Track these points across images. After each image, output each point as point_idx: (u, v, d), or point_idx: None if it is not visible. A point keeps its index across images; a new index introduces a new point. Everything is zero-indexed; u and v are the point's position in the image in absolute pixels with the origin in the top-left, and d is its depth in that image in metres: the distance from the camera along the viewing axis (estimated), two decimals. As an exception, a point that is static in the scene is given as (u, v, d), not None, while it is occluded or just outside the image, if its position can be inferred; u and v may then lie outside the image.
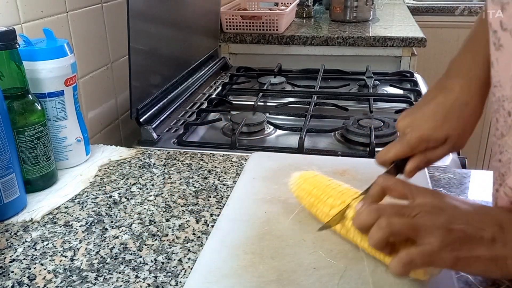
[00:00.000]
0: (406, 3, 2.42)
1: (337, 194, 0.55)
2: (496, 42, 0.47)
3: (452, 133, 0.55)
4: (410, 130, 0.56)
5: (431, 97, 0.57)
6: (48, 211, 0.67)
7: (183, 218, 0.64)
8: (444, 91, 0.56)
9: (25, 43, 0.71)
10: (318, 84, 1.29)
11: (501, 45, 0.46)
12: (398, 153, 0.56)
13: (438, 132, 0.55)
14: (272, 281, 0.49)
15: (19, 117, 0.66)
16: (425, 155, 0.56)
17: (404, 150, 0.56)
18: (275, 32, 1.64)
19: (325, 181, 0.59)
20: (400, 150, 0.56)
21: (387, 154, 0.57)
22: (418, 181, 0.68)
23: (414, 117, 0.57)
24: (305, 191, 0.59)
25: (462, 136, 0.56)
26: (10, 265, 0.56)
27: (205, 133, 1.07)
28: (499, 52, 0.47)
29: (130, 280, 0.53)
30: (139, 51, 0.96)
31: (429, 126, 0.55)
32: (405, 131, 0.56)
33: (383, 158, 0.58)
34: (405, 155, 0.56)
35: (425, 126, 0.55)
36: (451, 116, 0.55)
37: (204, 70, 1.37)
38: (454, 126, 0.55)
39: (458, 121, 0.55)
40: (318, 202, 0.57)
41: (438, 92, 0.57)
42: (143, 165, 0.80)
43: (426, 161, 0.56)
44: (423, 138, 0.55)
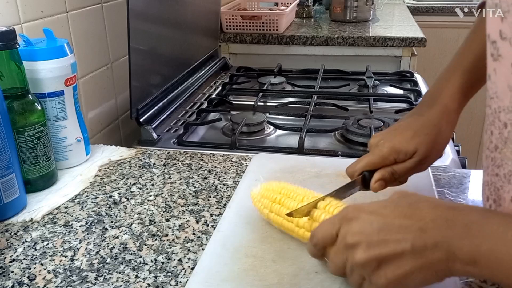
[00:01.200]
0: (406, 3, 2.42)
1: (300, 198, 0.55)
2: (495, 53, 0.47)
3: (421, 147, 0.58)
4: (383, 142, 0.59)
5: (403, 120, 0.63)
6: (48, 211, 0.67)
7: (183, 218, 0.64)
8: (415, 115, 0.61)
9: (25, 43, 0.71)
10: (318, 84, 1.29)
11: (499, 55, 0.46)
12: (368, 162, 0.58)
13: (408, 145, 0.57)
14: (273, 284, 0.49)
15: (19, 117, 0.66)
16: (391, 167, 0.58)
17: (376, 160, 0.58)
18: (275, 32, 1.64)
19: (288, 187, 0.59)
20: (371, 160, 0.58)
21: (357, 164, 0.59)
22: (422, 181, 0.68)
23: (385, 133, 0.61)
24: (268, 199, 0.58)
25: (429, 153, 0.58)
26: (10, 265, 0.56)
27: (205, 133, 1.07)
28: (497, 63, 0.47)
29: (130, 280, 0.53)
30: (139, 51, 0.96)
31: (400, 139, 0.58)
32: (378, 144, 0.59)
33: (353, 168, 0.59)
34: (376, 166, 0.58)
35: (396, 139, 0.58)
36: (419, 133, 0.58)
37: (204, 70, 1.37)
38: (423, 141, 0.58)
39: (426, 138, 0.58)
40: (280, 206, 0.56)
41: (410, 116, 0.63)
42: (143, 165, 0.80)
43: (391, 172, 0.58)
44: (395, 148, 0.57)
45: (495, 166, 0.50)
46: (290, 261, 0.53)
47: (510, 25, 0.43)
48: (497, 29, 0.45)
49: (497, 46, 0.46)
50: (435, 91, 0.63)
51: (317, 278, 0.50)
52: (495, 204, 0.51)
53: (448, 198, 0.67)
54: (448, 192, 0.69)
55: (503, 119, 0.47)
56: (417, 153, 0.57)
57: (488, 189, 0.53)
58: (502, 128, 0.48)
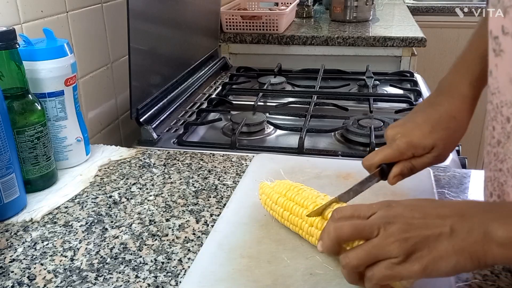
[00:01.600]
0: (406, 3, 2.42)
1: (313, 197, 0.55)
2: (497, 48, 0.47)
3: (439, 142, 0.57)
4: (400, 136, 0.58)
5: (420, 110, 0.61)
6: (48, 211, 0.67)
7: (183, 218, 0.64)
8: (433, 105, 0.60)
9: (25, 43, 0.71)
10: (318, 84, 1.29)
11: (501, 50, 0.46)
12: (386, 156, 0.58)
13: (426, 140, 0.57)
14: (268, 285, 0.49)
15: (19, 117, 0.66)
16: (410, 162, 0.57)
17: (393, 154, 0.57)
18: (275, 32, 1.64)
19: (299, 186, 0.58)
20: (388, 153, 0.57)
21: (374, 157, 0.58)
22: (422, 181, 0.68)
23: (404, 126, 0.59)
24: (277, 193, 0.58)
25: (447, 148, 0.58)
26: (10, 265, 0.56)
27: (205, 133, 1.07)
28: (499, 58, 0.47)
29: (130, 280, 0.53)
30: (139, 51, 0.96)
31: (418, 134, 0.57)
32: (395, 137, 0.58)
33: (370, 161, 0.59)
34: (393, 160, 0.57)
35: (414, 134, 0.57)
36: (438, 127, 0.57)
37: (204, 70, 1.37)
38: (441, 136, 0.57)
39: (445, 132, 0.57)
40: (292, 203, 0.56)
41: (427, 106, 0.60)
42: (143, 165, 0.80)
43: (410, 168, 0.58)
44: (412, 143, 0.57)
45: (498, 161, 0.50)
46: (285, 262, 0.53)
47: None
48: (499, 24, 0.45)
49: (499, 41, 0.46)
50: (453, 78, 0.61)
51: (312, 280, 0.50)
52: (499, 199, 0.52)
53: (448, 198, 0.67)
54: (448, 192, 0.69)
55: (505, 114, 0.47)
56: (435, 149, 0.57)
57: (491, 185, 0.53)
58: (504, 122, 0.48)
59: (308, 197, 0.55)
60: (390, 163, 0.57)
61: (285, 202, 0.57)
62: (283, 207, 0.57)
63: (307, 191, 0.57)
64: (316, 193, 0.56)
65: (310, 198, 0.55)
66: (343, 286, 0.49)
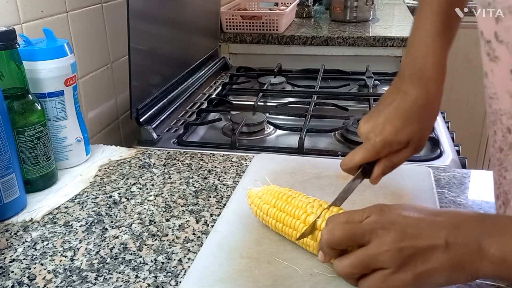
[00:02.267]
0: (406, 3, 2.42)
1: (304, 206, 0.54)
2: (491, 53, 0.46)
3: (413, 136, 0.56)
4: (373, 135, 0.56)
5: (389, 100, 0.58)
6: (48, 211, 0.67)
7: (183, 218, 0.64)
8: (401, 95, 0.57)
9: (25, 43, 0.71)
10: (318, 84, 1.29)
11: (496, 57, 0.45)
12: (364, 157, 0.56)
13: (400, 136, 0.55)
14: (267, 286, 0.49)
15: (19, 117, 0.66)
16: (389, 159, 0.57)
17: (370, 154, 0.56)
18: (275, 32, 1.64)
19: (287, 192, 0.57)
20: (366, 154, 0.56)
21: (352, 160, 0.57)
22: (422, 181, 0.68)
23: (376, 122, 0.57)
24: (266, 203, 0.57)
25: (422, 138, 0.57)
26: (10, 265, 0.56)
27: (205, 133, 1.07)
28: (494, 64, 0.46)
29: (130, 280, 0.53)
30: (139, 51, 0.96)
31: (391, 130, 0.55)
32: (368, 136, 0.57)
33: (349, 164, 0.57)
34: (371, 159, 0.56)
35: (386, 130, 0.55)
36: (411, 120, 0.55)
37: (204, 70, 1.37)
38: (415, 129, 0.56)
39: (418, 124, 0.56)
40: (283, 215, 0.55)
41: (395, 95, 0.58)
42: (143, 165, 0.80)
43: (391, 166, 0.57)
44: (387, 141, 0.55)
45: (503, 169, 0.50)
46: (285, 263, 0.53)
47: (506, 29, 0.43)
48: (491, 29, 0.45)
49: (493, 47, 0.45)
50: (416, 61, 0.57)
51: (311, 280, 0.50)
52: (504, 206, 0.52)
53: (448, 198, 0.67)
54: (448, 192, 0.69)
55: (506, 123, 0.47)
56: (411, 142, 0.56)
57: (497, 188, 0.53)
58: (505, 132, 0.48)
59: (299, 206, 0.54)
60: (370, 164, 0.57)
61: (276, 213, 0.55)
62: (275, 218, 0.56)
63: (297, 198, 0.55)
64: (305, 200, 0.55)
65: (301, 206, 0.54)
66: (343, 287, 0.49)
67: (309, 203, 0.54)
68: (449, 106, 2.18)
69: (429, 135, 0.58)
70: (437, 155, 0.87)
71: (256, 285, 0.49)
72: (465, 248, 0.40)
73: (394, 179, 0.66)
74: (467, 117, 2.33)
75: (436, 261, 0.40)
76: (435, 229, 0.41)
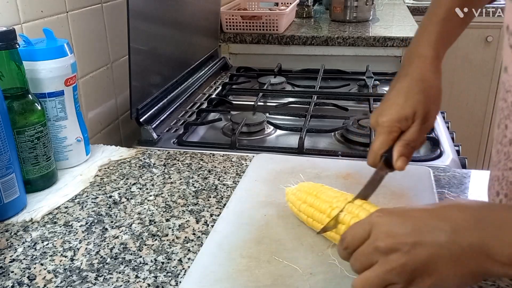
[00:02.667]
0: (406, 3, 2.42)
1: (330, 200, 0.55)
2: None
3: (418, 107, 0.57)
4: (381, 119, 0.58)
5: (391, 88, 0.61)
6: (48, 211, 0.67)
7: (183, 218, 0.64)
8: (401, 78, 0.60)
9: (25, 43, 0.71)
10: (318, 84, 1.29)
11: None
12: (381, 143, 0.57)
13: (405, 110, 0.57)
14: (267, 286, 0.49)
15: (19, 117, 0.66)
16: (402, 140, 0.57)
17: (384, 138, 0.57)
18: (275, 32, 1.64)
19: (318, 187, 0.59)
20: (381, 141, 0.57)
21: (372, 150, 0.58)
22: (422, 182, 0.68)
23: (381, 108, 0.60)
24: (299, 199, 0.59)
25: (429, 110, 0.58)
26: (10, 265, 0.56)
27: (205, 133, 1.07)
28: None
29: (130, 280, 0.53)
30: (139, 51, 0.96)
31: (396, 108, 0.58)
32: (378, 122, 0.59)
33: (371, 157, 0.59)
34: (388, 144, 0.57)
35: (392, 110, 0.58)
36: (411, 93, 0.58)
37: (204, 70, 1.37)
38: (417, 100, 0.57)
39: (419, 96, 0.57)
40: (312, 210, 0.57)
41: (396, 81, 0.61)
42: (143, 165, 0.80)
43: (405, 145, 0.57)
44: (394, 119, 0.57)
45: (509, 160, 0.50)
46: (285, 262, 0.53)
47: None
48: None
49: None
50: (413, 46, 0.62)
51: (312, 280, 0.50)
52: (506, 198, 0.51)
53: (448, 198, 0.67)
54: (448, 192, 0.69)
55: None
56: (417, 114, 0.57)
57: (499, 184, 0.53)
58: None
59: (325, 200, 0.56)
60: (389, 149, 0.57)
61: (306, 209, 0.58)
62: (306, 213, 0.58)
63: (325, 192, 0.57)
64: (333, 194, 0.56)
65: (328, 200, 0.55)
66: (343, 286, 0.49)
67: (335, 197, 0.55)
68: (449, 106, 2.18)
69: (436, 112, 0.59)
70: (437, 155, 0.87)
71: (256, 285, 0.49)
72: (471, 255, 0.39)
73: (394, 179, 0.66)
74: (467, 117, 2.33)
75: (442, 272, 0.39)
76: (435, 235, 0.40)
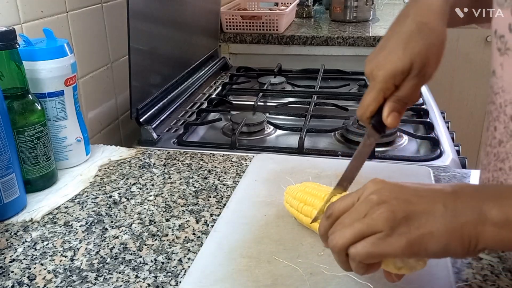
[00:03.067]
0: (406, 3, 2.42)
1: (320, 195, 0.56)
2: (502, 47, 0.46)
3: (416, 57, 0.50)
4: (376, 71, 0.52)
5: (390, 33, 0.54)
6: (48, 211, 0.67)
7: (183, 218, 0.64)
8: (401, 20, 0.54)
9: (25, 43, 0.71)
10: (318, 84, 1.29)
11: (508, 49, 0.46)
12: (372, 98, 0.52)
13: (402, 62, 0.50)
14: (267, 285, 0.49)
15: (19, 117, 0.66)
16: (396, 96, 0.51)
17: (375, 95, 0.51)
18: (275, 32, 1.64)
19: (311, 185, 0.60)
20: (372, 96, 0.52)
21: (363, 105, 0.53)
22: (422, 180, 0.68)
23: (378, 56, 0.53)
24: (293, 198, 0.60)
25: (427, 60, 0.51)
26: (10, 265, 0.56)
27: (205, 133, 1.07)
28: (504, 57, 0.47)
29: (130, 280, 0.53)
30: (139, 51, 0.96)
31: (391, 59, 0.51)
32: (373, 73, 0.53)
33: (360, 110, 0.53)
34: (379, 102, 0.52)
35: (388, 61, 0.51)
36: (411, 40, 0.51)
37: (204, 70, 1.37)
38: (417, 49, 0.50)
39: (418, 44, 0.51)
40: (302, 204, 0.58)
41: (396, 24, 0.54)
42: (143, 165, 0.80)
43: (398, 100, 0.51)
44: (388, 75, 0.51)
45: (499, 161, 0.50)
46: (285, 262, 0.53)
47: None
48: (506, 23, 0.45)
49: (505, 39, 0.46)
50: None
51: (312, 280, 0.50)
52: None
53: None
54: (448, 192, 0.69)
55: (509, 112, 0.47)
56: (415, 66, 0.50)
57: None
58: (508, 121, 0.48)
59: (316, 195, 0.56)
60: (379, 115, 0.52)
61: (299, 205, 0.58)
62: (299, 210, 0.58)
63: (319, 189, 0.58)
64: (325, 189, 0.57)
65: (318, 195, 0.56)
66: (343, 286, 0.49)
67: (327, 192, 0.56)
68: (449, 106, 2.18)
69: (436, 62, 0.52)
70: (437, 155, 0.87)
71: (256, 285, 0.49)
72: (464, 213, 0.38)
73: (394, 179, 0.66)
74: (467, 117, 2.33)
75: (432, 225, 0.38)
76: (432, 194, 0.39)
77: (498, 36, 0.47)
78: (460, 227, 0.37)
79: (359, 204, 0.41)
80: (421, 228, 0.38)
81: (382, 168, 0.74)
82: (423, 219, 0.38)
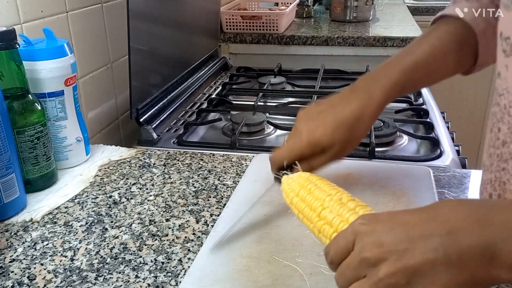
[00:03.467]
0: (406, 3, 2.42)
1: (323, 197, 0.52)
2: (507, 49, 0.47)
3: (338, 143, 0.58)
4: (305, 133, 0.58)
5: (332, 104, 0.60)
6: (48, 211, 0.67)
7: (183, 218, 0.64)
8: (344, 103, 0.60)
9: (25, 43, 0.71)
10: (318, 84, 1.29)
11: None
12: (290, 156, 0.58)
13: (327, 139, 0.58)
14: (267, 285, 0.49)
15: (19, 117, 0.66)
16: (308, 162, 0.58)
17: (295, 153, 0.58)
18: (275, 32, 1.64)
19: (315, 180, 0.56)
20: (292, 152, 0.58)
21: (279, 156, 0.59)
22: (422, 181, 0.68)
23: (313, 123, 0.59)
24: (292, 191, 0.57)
25: (346, 147, 0.59)
26: (10, 265, 0.56)
27: (205, 133, 1.07)
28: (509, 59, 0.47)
29: (130, 280, 0.53)
30: (139, 51, 0.96)
31: (321, 132, 0.58)
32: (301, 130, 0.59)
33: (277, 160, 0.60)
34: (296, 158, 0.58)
35: (318, 131, 0.58)
36: (341, 127, 0.58)
37: (204, 70, 1.37)
38: (341, 138, 0.58)
39: (346, 134, 0.58)
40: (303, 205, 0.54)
41: (339, 101, 0.60)
42: (143, 165, 0.80)
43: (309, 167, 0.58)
44: (312, 143, 0.58)
45: (502, 161, 0.50)
46: (285, 262, 0.53)
47: None
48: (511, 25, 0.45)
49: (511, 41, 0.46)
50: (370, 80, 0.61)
51: (312, 280, 0.50)
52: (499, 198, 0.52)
53: (448, 198, 0.67)
54: (448, 192, 0.69)
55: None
56: (333, 148, 0.58)
57: (491, 186, 0.53)
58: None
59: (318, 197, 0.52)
60: None
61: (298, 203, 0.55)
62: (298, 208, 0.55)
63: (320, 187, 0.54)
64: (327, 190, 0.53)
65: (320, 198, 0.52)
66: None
67: (330, 194, 0.51)
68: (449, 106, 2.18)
69: (353, 148, 0.61)
70: (437, 155, 0.87)
71: (256, 285, 0.49)
72: (472, 257, 0.34)
73: (394, 179, 0.66)
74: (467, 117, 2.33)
75: (441, 278, 0.35)
76: (428, 240, 0.36)
77: (503, 38, 0.47)
78: (468, 274, 0.35)
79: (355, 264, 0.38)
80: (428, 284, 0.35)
81: (382, 168, 0.74)
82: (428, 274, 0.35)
